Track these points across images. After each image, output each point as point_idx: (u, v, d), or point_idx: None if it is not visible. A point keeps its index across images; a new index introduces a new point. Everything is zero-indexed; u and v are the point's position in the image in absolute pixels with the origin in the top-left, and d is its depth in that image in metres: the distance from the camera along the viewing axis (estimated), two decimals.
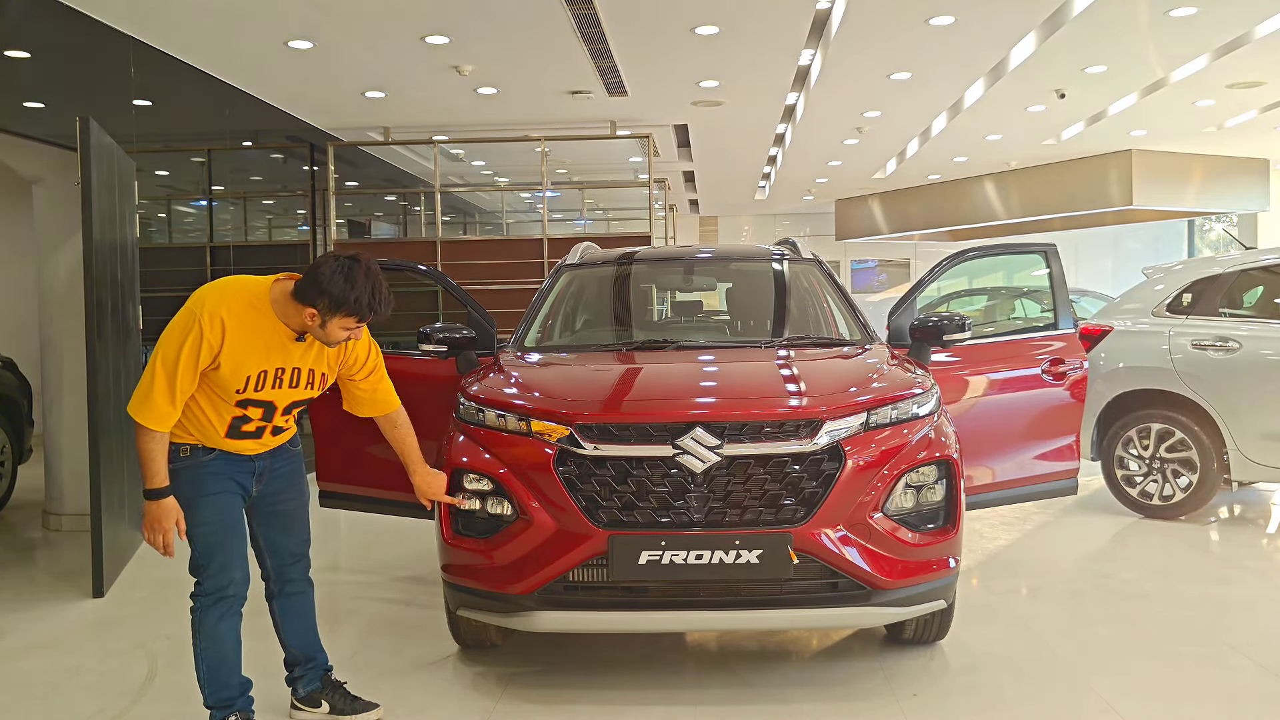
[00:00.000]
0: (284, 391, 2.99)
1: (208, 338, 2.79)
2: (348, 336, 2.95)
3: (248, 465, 3.04)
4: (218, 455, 2.98)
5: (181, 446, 2.95)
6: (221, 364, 2.83)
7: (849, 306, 4.64)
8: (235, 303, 2.86)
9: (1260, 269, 6.07)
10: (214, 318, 2.81)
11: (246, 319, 2.86)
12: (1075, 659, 3.80)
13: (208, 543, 2.96)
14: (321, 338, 2.94)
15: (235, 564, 3.00)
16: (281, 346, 2.93)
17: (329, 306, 2.85)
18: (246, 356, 2.86)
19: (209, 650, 3.02)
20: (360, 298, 2.85)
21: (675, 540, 3.18)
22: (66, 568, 5.47)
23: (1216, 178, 13.59)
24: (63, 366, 6.46)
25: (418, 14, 6.56)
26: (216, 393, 2.91)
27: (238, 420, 2.96)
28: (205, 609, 3.00)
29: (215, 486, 2.98)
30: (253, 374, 2.89)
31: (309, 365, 3.02)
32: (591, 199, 16.89)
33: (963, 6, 6.69)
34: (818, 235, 19.83)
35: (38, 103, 6.02)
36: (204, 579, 2.99)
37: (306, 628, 3.33)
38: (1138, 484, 6.19)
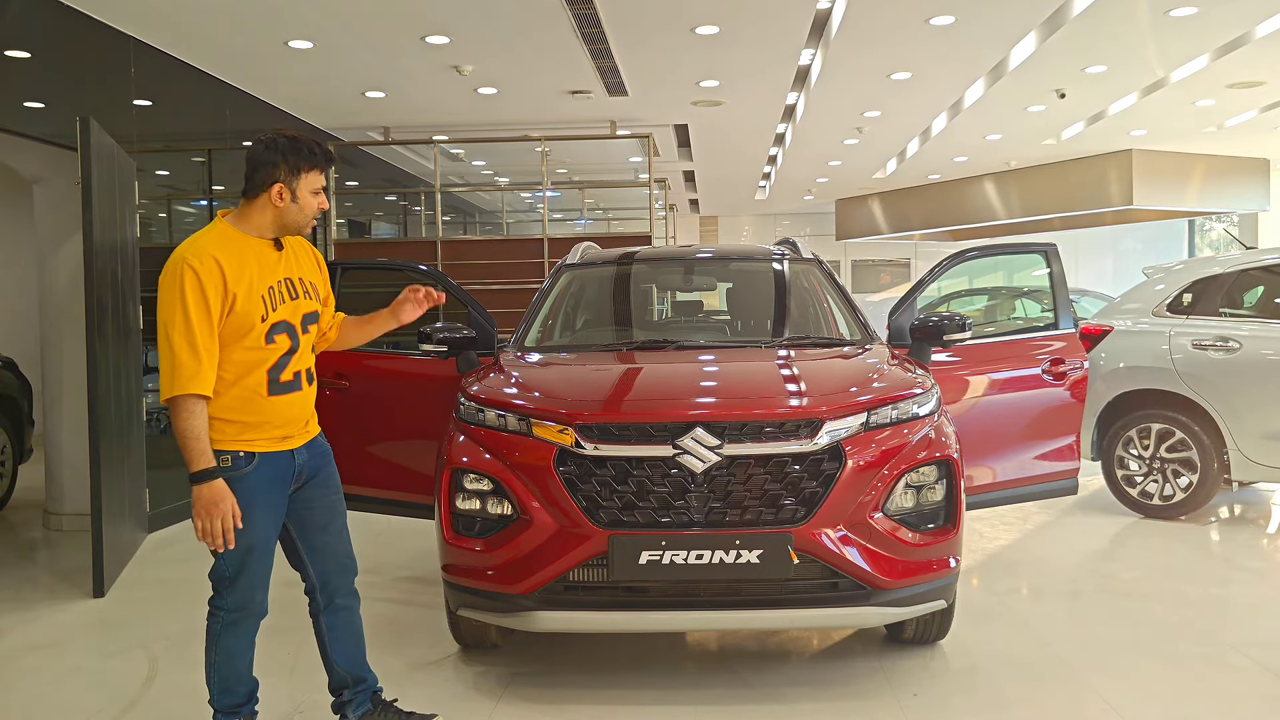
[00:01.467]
0: (291, 305, 2.86)
1: (204, 275, 2.66)
2: (319, 202, 2.86)
3: (288, 466, 2.88)
4: (259, 462, 2.80)
5: (221, 455, 2.74)
6: (235, 293, 2.70)
7: (849, 306, 4.64)
8: (207, 239, 2.74)
9: (1260, 269, 6.07)
10: (200, 256, 2.68)
11: (228, 247, 2.74)
12: (1075, 659, 3.80)
13: (240, 560, 2.81)
14: (297, 218, 2.83)
15: (261, 585, 2.90)
16: (269, 260, 2.84)
17: (290, 169, 2.79)
18: (253, 279, 2.75)
19: (223, 664, 2.90)
20: (308, 146, 2.81)
21: (675, 540, 3.18)
22: (67, 568, 5.47)
23: (1217, 178, 13.59)
24: (63, 366, 6.46)
25: (418, 14, 6.56)
26: (244, 338, 2.74)
27: (274, 371, 2.80)
28: (225, 625, 2.87)
29: (256, 501, 2.80)
30: (264, 291, 2.77)
31: (298, 274, 2.92)
32: (591, 199, 16.89)
33: (963, 6, 6.69)
34: (818, 235, 19.83)
35: (38, 103, 6.01)
36: (227, 595, 2.84)
37: (356, 648, 3.13)
38: (1138, 484, 6.19)
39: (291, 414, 2.87)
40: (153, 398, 7.50)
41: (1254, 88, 9.33)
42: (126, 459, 5.49)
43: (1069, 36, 7.43)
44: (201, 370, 2.66)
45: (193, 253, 2.69)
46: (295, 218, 2.84)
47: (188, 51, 7.12)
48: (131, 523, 5.62)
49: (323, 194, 2.88)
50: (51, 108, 6.02)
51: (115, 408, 5.25)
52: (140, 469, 5.91)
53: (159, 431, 7.74)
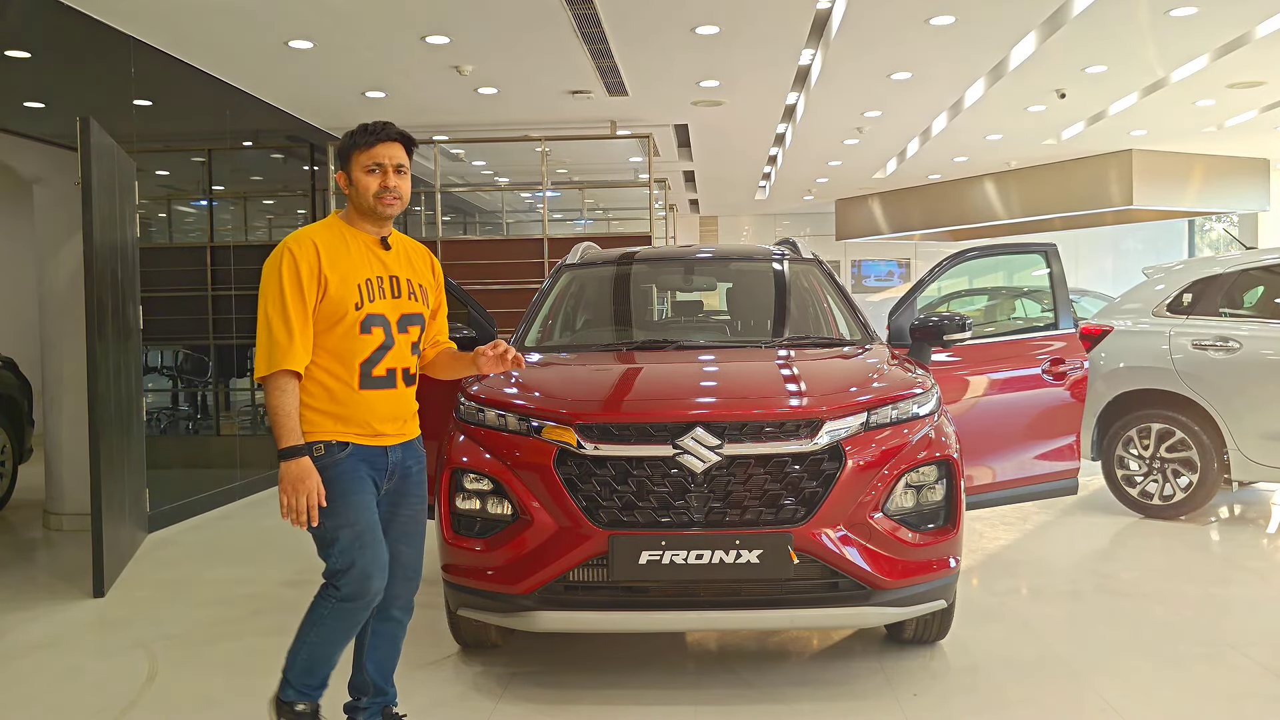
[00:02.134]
0: (390, 302, 2.83)
1: (301, 257, 2.71)
2: (380, 183, 2.80)
3: (381, 459, 2.84)
4: (352, 450, 2.77)
5: (315, 444, 2.74)
6: (329, 278, 2.73)
7: (849, 306, 4.64)
8: (314, 227, 2.83)
9: (1260, 269, 6.07)
10: (299, 241, 2.75)
11: (330, 237, 2.80)
12: (1075, 659, 3.80)
13: (346, 547, 2.75)
14: (362, 200, 2.81)
15: (377, 574, 2.80)
16: (371, 253, 2.84)
17: (342, 157, 2.85)
18: (347, 267, 2.77)
19: (319, 647, 2.83)
20: (360, 127, 2.83)
21: (676, 540, 3.18)
22: (67, 568, 5.47)
23: (1217, 178, 13.59)
24: (63, 366, 6.46)
25: (418, 14, 6.56)
26: (337, 325, 2.75)
27: (366, 364, 2.78)
28: (333, 611, 2.79)
29: (354, 486, 2.77)
30: (360, 281, 2.78)
31: (405, 274, 2.90)
32: (591, 199, 16.89)
33: (963, 6, 6.69)
34: (818, 235, 19.82)
35: (38, 103, 6.01)
36: (341, 584, 2.77)
37: (391, 660, 3.08)
38: (1138, 484, 6.19)
39: (384, 410, 2.83)
40: (153, 397, 7.51)
41: (1254, 88, 9.33)
42: (126, 459, 5.49)
43: (1069, 36, 7.43)
44: (294, 348, 2.68)
45: (294, 238, 2.77)
46: (360, 200, 2.82)
47: (188, 51, 7.12)
48: (131, 523, 5.62)
49: (389, 172, 2.81)
50: (51, 108, 6.02)
51: (115, 408, 5.25)
52: (140, 469, 5.91)
53: (159, 431, 7.74)
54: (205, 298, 7.91)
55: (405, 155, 2.86)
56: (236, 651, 4.07)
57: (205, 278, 7.94)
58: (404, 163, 2.86)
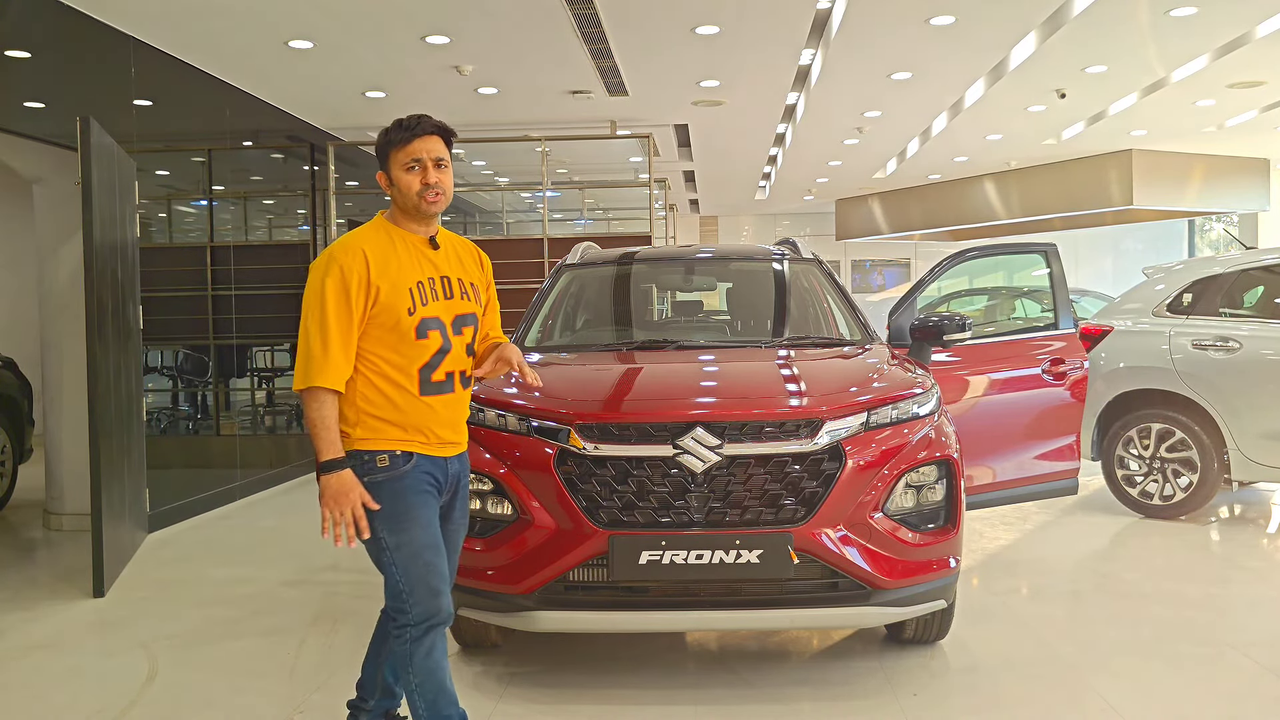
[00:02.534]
0: (444, 304, 2.73)
1: (349, 268, 2.61)
2: (421, 180, 2.68)
3: (443, 470, 2.75)
4: (417, 463, 2.68)
5: (379, 455, 2.64)
6: (379, 286, 2.63)
7: (849, 306, 4.64)
8: (360, 234, 2.72)
9: (1260, 269, 6.07)
10: (348, 250, 2.64)
11: (379, 241, 2.70)
12: (1075, 659, 3.80)
13: (413, 567, 2.64)
14: (405, 199, 2.71)
15: (442, 589, 2.69)
16: (421, 255, 2.74)
17: (381, 156, 2.74)
18: (398, 272, 2.66)
19: (426, 684, 2.69)
20: (394, 124, 2.73)
21: (676, 540, 3.18)
22: (67, 568, 5.47)
23: (1217, 178, 13.59)
24: (63, 366, 6.47)
25: (418, 14, 6.56)
26: (392, 332, 2.66)
27: (425, 370, 2.69)
28: (416, 641, 2.66)
29: (419, 501, 2.67)
30: (412, 285, 2.67)
31: (456, 274, 2.80)
32: (591, 199, 16.89)
33: (963, 6, 6.69)
34: (818, 235, 19.82)
35: (38, 103, 6.01)
36: (411, 607, 2.64)
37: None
38: (1138, 484, 6.19)
39: (445, 417, 2.74)
40: (153, 397, 7.50)
41: (1254, 88, 9.33)
42: (126, 459, 5.49)
43: (1069, 36, 7.43)
44: (329, 364, 2.58)
45: (341, 246, 2.67)
46: (404, 200, 2.72)
47: (188, 51, 7.12)
48: (131, 523, 5.62)
49: (429, 167, 2.69)
50: (51, 108, 6.02)
51: (115, 408, 5.25)
52: (140, 469, 5.91)
53: (159, 431, 7.74)
54: (205, 298, 7.91)
55: (444, 148, 2.75)
56: (236, 651, 4.07)
57: (205, 278, 7.94)
58: (443, 156, 2.74)
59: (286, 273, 8.44)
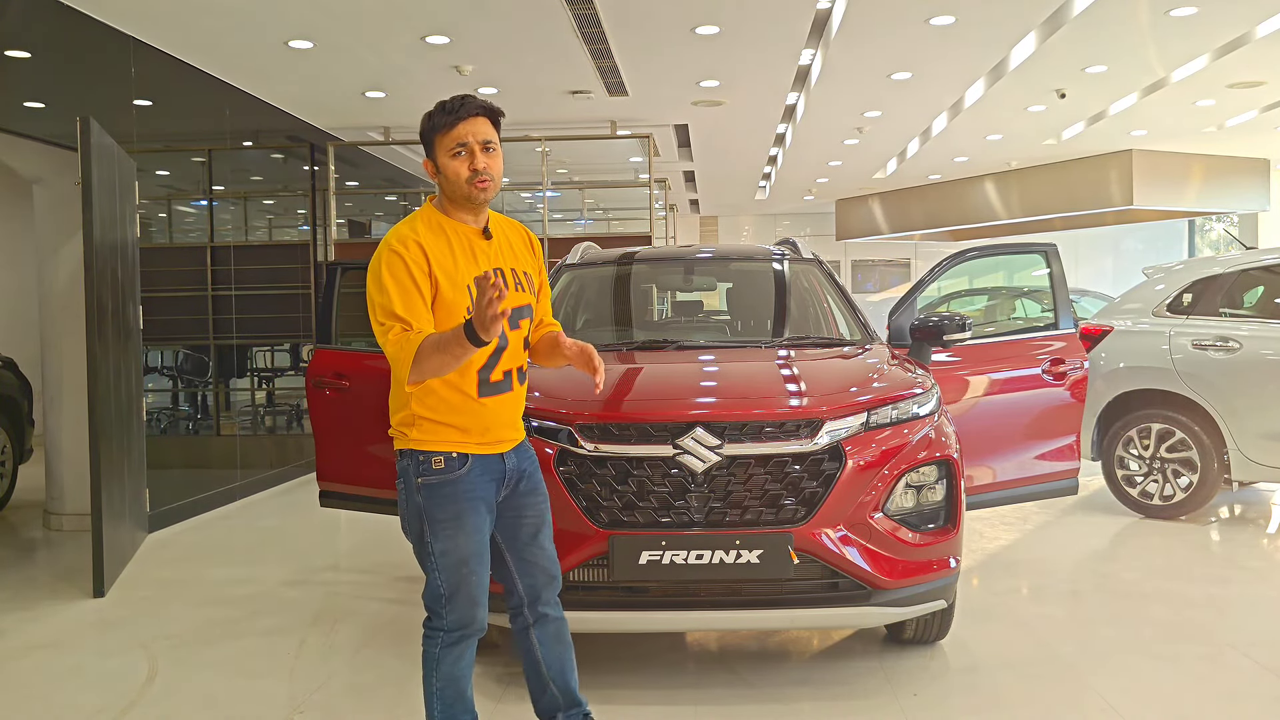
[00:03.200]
0: None
1: (407, 256, 2.50)
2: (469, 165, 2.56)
3: (499, 468, 2.68)
4: (472, 465, 2.61)
5: (434, 456, 2.59)
6: (439, 279, 2.53)
7: (849, 306, 4.64)
8: (413, 227, 2.59)
9: (1260, 269, 6.07)
10: (404, 241, 2.52)
11: (432, 236, 2.58)
12: (1075, 659, 3.80)
13: (455, 575, 2.60)
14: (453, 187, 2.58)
15: (481, 600, 2.66)
16: (475, 246, 2.64)
17: (427, 142, 2.62)
18: (454, 266, 2.57)
19: (446, 690, 2.68)
20: (437, 107, 2.60)
21: (676, 540, 3.18)
22: (67, 568, 5.47)
23: (1217, 178, 13.58)
24: (63, 366, 6.46)
25: (418, 14, 6.56)
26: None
27: (484, 371, 2.61)
28: (445, 648, 2.65)
29: (470, 508, 2.62)
30: (468, 282, 2.56)
31: (510, 264, 2.70)
32: (592, 199, 16.88)
33: (963, 6, 6.69)
34: (818, 235, 19.81)
35: (38, 103, 6.01)
36: (446, 614, 2.63)
37: (569, 660, 2.91)
38: (1138, 484, 6.19)
39: (502, 416, 2.67)
40: (153, 398, 7.50)
41: (1254, 88, 9.33)
42: (126, 459, 5.49)
43: (1069, 36, 7.43)
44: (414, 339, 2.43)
45: (397, 238, 2.55)
46: (451, 188, 2.59)
47: (188, 51, 7.12)
48: (131, 523, 5.62)
49: (476, 152, 2.56)
50: (51, 108, 6.02)
51: (115, 408, 5.25)
52: (140, 469, 5.91)
53: (159, 431, 7.74)
54: (205, 298, 7.91)
55: (492, 129, 2.61)
56: (236, 651, 4.07)
57: (205, 278, 7.95)
58: (491, 139, 2.60)
59: (286, 273, 8.44)
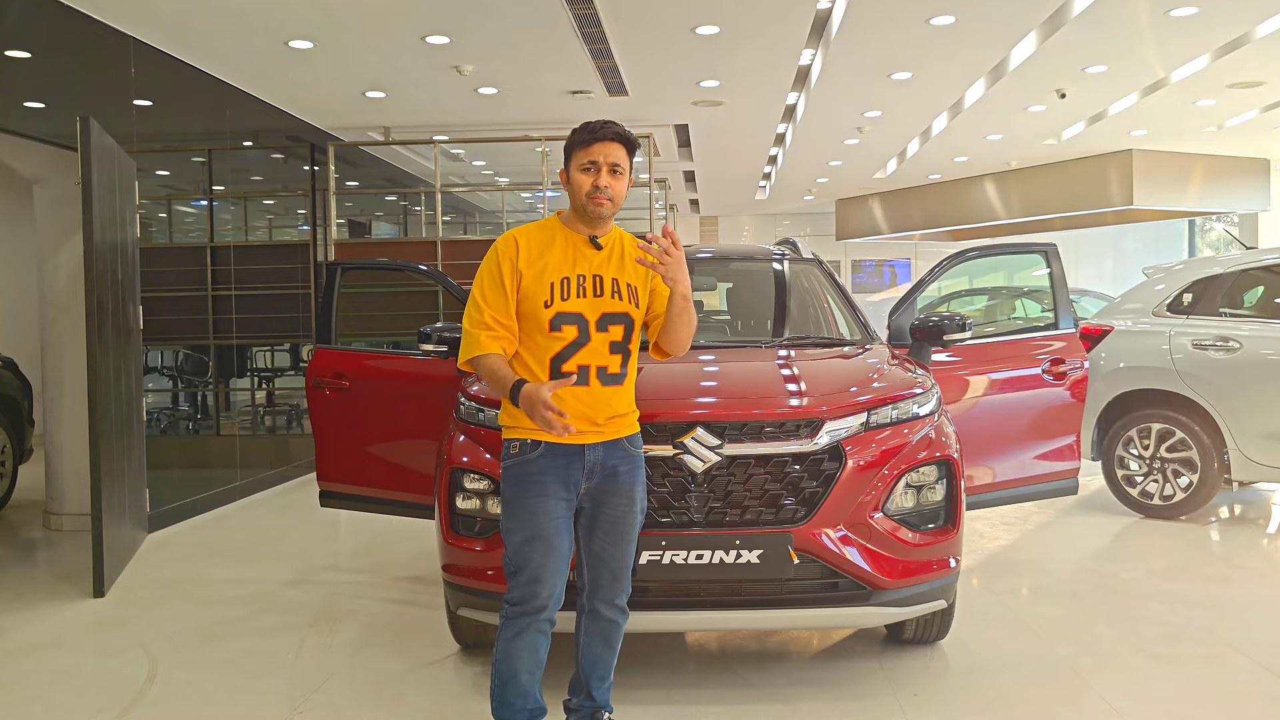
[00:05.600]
0: (590, 301, 2.80)
1: (503, 254, 2.80)
2: (592, 182, 2.79)
3: (578, 459, 2.78)
4: (544, 451, 2.75)
5: (512, 443, 2.79)
6: (524, 272, 2.78)
7: (849, 306, 4.64)
8: (526, 226, 2.89)
9: (1261, 269, 6.07)
10: (506, 238, 2.84)
11: (537, 235, 2.86)
12: (1075, 659, 3.80)
13: (522, 552, 2.75)
14: (576, 198, 2.82)
15: (546, 578, 2.76)
16: (579, 254, 2.84)
17: (566, 155, 2.87)
18: (546, 264, 2.79)
19: (502, 665, 2.81)
20: (584, 126, 2.84)
21: (676, 540, 3.18)
22: (67, 568, 5.47)
23: (1217, 178, 13.58)
24: (63, 366, 6.46)
25: (418, 14, 6.56)
26: (530, 323, 2.78)
27: (556, 360, 2.77)
28: (507, 619, 2.80)
29: (535, 489, 2.75)
30: (556, 280, 2.78)
31: (612, 274, 2.86)
32: None
33: (963, 6, 6.69)
34: (818, 235, 19.81)
35: (38, 103, 6.01)
36: (512, 588, 2.79)
37: (602, 660, 3.00)
38: (1138, 484, 6.19)
39: (574, 408, 2.75)
40: (153, 397, 7.50)
41: (1254, 88, 9.33)
42: (126, 459, 5.49)
43: (1069, 36, 7.43)
44: (485, 336, 2.77)
45: (504, 236, 2.86)
46: (574, 198, 2.84)
47: (188, 51, 7.11)
48: (131, 523, 5.62)
49: (603, 171, 2.80)
50: (51, 108, 6.02)
51: (115, 408, 5.25)
52: (140, 469, 5.91)
53: (159, 431, 7.74)
54: (205, 298, 7.91)
55: (624, 155, 2.85)
56: (236, 651, 4.07)
57: (205, 278, 7.94)
58: (620, 163, 2.84)
59: (286, 273, 8.44)
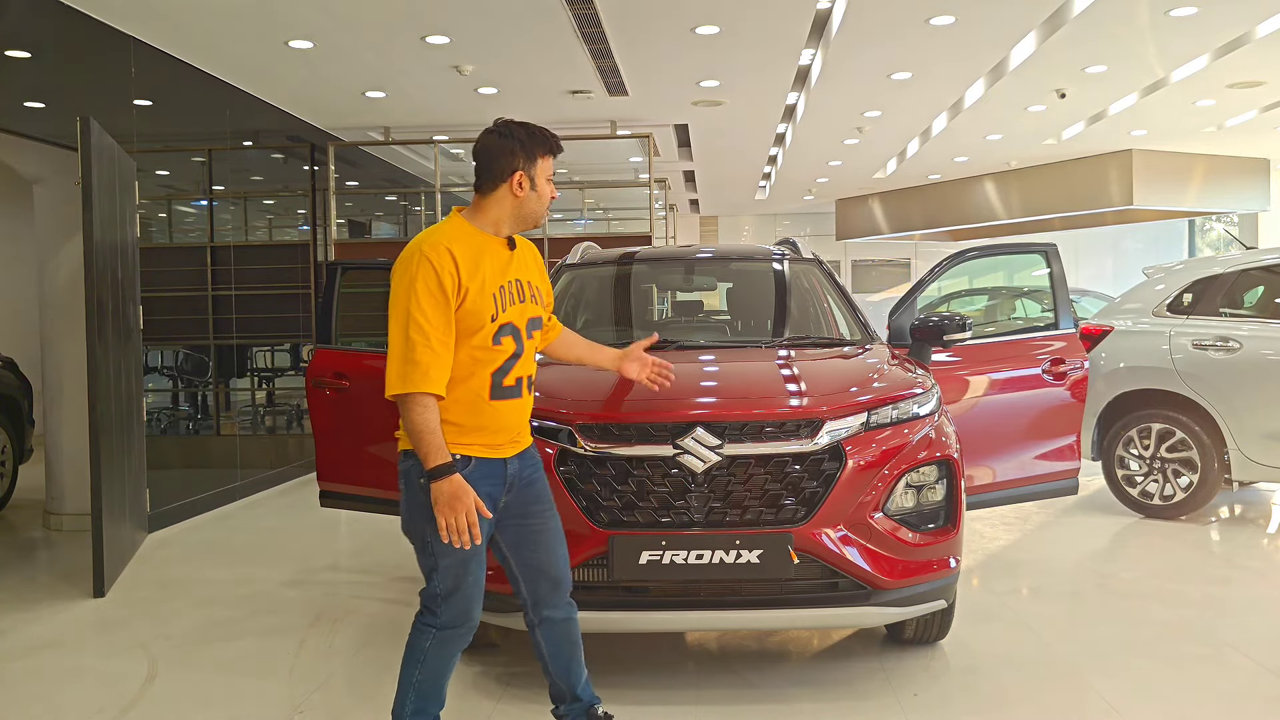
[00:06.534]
0: (519, 308, 2.76)
1: (439, 264, 2.57)
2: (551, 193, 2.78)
3: (500, 472, 2.75)
4: (474, 467, 2.67)
5: None
6: (468, 287, 2.61)
7: (849, 306, 4.64)
8: (444, 232, 2.67)
9: (1261, 269, 6.07)
10: (436, 247, 2.60)
11: (464, 242, 2.67)
12: (1075, 659, 3.80)
13: (454, 573, 2.69)
14: (536, 207, 2.75)
15: (476, 599, 2.75)
16: (501, 258, 2.75)
17: (527, 156, 2.72)
18: (485, 276, 2.66)
19: (426, 683, 2.76)
20: (542, 132, 2.75)
21: (676, 540, 3.18)
22: (67, 568, 5.47)
23: (1217, 178, 13.58)
24: (63, 366, 6.46)
25: (418, 14, 6.56)
26: (472, 337, 2.65)
27: (498, 374, 2.70)
28: (440, 643, 2.74)
29: None
30: (495, 290, 2.68)
31: (527, 276, 2.82)
32: (592, 199, 16.87)
33: (963, 6, 6.69)
34: (818, 235, 19.81)
35: (38, 103, 6.01)
36: (441, 611, 2.72)
37: (574, 658, 2.98)
38: (1138, 484, 6.19)
39: (509, 421, 2.75)
40: (153, 397, 7.49)
41: (1254, 88, 9.33)
42: (126, 459, 5.49)
43: (1069, 36, 7.43)
44: (434, 369, 2.56)
45: (429, 244, 2.61)
46: (534, 206, 2.75)
47: (188, 51, 7.12)
48: (131, 523, 5.62)
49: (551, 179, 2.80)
50: (51, 108, 6.02)
51: (115, 408, 5.25)
52: (140, 469, 5.91)
53: (159, 431, 7.74)
54: (205, 298, 7.91)
55: None
56: (236, 651, 4.07)
57: (205, 278, 7.94)
58: None
59: (286, 273, 8.44)
